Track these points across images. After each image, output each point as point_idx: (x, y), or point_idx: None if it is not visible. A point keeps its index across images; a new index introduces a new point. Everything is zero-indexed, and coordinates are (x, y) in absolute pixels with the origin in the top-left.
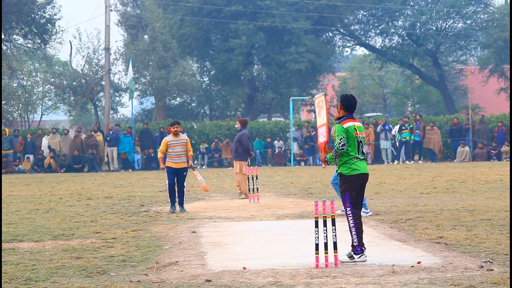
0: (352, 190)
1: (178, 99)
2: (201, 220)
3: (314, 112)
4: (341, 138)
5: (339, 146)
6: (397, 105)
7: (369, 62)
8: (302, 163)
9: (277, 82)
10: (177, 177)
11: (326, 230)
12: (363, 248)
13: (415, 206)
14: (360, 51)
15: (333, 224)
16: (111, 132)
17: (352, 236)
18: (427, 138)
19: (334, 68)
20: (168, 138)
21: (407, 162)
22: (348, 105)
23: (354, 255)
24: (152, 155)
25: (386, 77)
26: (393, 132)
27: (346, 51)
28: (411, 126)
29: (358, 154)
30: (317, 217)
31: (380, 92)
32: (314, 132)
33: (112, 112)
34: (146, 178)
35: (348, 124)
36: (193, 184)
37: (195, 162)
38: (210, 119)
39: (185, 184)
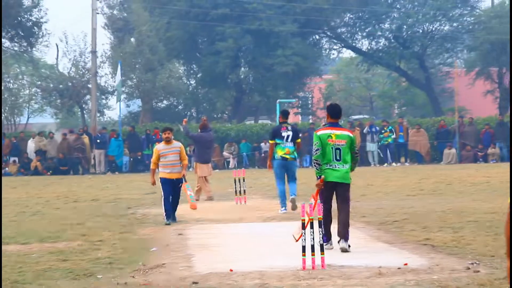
0: (324, 192)
1: (164, 101)
2: (188, 222)
3: (301, 115)
4: (315, 144)
5: (313, 152)
6: (383, 108)
7: (356, 65)
8: None
9: (264, 85)
10: (172, 189)
11: (313, 232)
12: (329, 237)
13: (402, 208)
14: (347, 53)
15: (320, 226)
16: (99, 135)
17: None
18: (413, 140)
19: (321, 70)
20: (160, 146)
21: (394, 164)
22: (331, 112)
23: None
24: (139, 157)
25: (373, 80)
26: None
27: (333, 54)
28: (391, 127)
29: (333, 161)
30: (303, 219)
31: (367, 95)
32: (300, 134)
33: (98, 115)
34: (133, 181)
35: (322, 132)
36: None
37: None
38: (197, 122)
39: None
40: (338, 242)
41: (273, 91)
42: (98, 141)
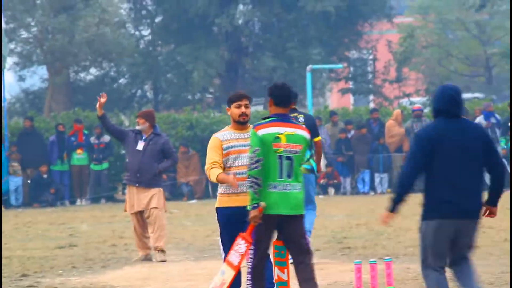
0: (261, 229)
1: (92, 70)
2: None
3: (353, 93)
4: (254, 151)
5: (251, 165)
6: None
7: None
8: (332, 190)
9: (282, 38)
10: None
11: None
12: None
13: None
14: None
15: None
16: None
17: (246, 281)
18: None
19: (390, 9)
20: (224, 134)
21: None
22: (277, 97)
23: None
24: (45, 176)
25: (492, 26)
26: None
27: None
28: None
29: (280, 178)
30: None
31: (480, 54)
32: (353, 131)
33: None
34: (33, 223)
35: (265, 130)
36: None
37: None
38: (156, 109)
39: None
40: None
41: (299, 48)
42: None
